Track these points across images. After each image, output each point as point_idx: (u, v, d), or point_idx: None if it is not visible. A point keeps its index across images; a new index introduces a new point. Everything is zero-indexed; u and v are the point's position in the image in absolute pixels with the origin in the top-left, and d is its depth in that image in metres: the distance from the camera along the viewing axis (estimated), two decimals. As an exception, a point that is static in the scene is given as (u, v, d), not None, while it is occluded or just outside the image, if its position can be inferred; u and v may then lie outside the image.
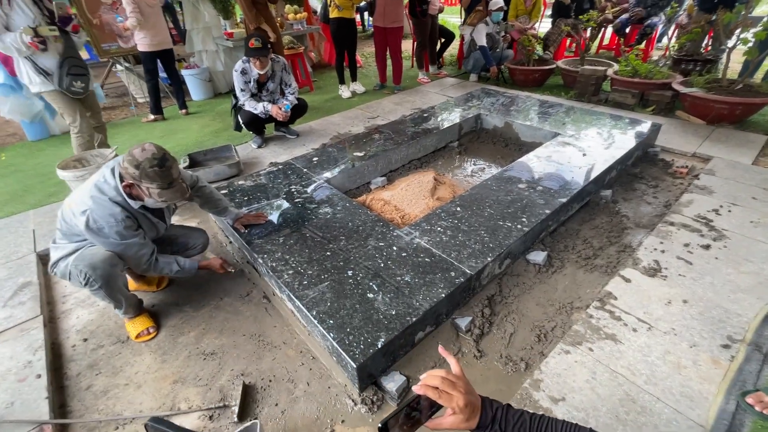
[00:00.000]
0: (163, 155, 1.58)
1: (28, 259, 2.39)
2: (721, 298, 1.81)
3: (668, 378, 1.49)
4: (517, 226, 2.09)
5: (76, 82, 2.89)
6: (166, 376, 1.70)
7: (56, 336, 1.94)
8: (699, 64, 4.46)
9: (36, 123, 4.40)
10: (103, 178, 1.64)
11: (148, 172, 1.53)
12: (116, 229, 1.62)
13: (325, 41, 6.85)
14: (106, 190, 1.62)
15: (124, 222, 1.63)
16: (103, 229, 1.62)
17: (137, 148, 1.57)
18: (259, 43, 3.17)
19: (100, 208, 1.60)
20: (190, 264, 1.90)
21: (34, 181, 3.47)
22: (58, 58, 2.81)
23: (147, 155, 1.55)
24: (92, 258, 1.64)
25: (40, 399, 1.56)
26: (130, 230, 1.67)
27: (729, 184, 2.67)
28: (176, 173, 1.63)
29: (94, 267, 1.63)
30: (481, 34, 5.09)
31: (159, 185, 1.57)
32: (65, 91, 2.89)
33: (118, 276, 1.73)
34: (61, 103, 3.01)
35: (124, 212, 1.63)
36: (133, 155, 1.55)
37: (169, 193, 1.60)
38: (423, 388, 0.72)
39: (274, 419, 1.50)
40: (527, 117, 3.55)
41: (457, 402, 0.71)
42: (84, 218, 1.59)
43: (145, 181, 1.55)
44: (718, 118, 3.54)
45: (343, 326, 1.57)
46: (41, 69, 2.81)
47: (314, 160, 3.02)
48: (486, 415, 0.75)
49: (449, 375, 0.74)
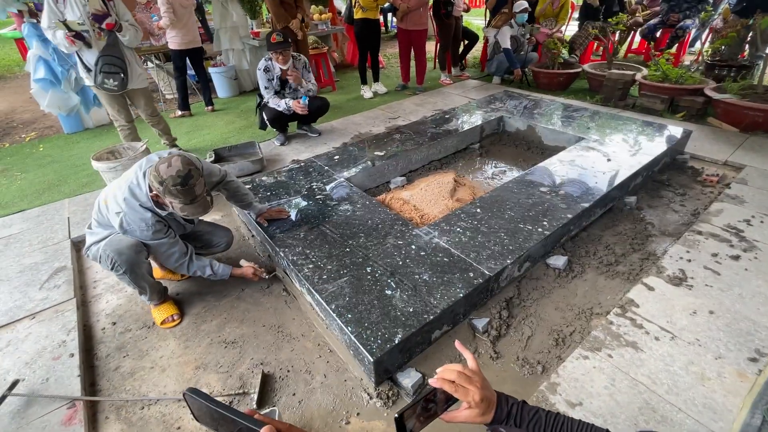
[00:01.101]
0: (188, 172, 1.57)
1: (63, 245, 2.52)
2: (749, 310, 1.75)
3: (691, 389, 1.45)
4: (538, 230, 2.08)
5: (108, 80, 3.01)
6: (189, 361, 1.77)
7: (87, 318, 2.04)
8: (733, 70, 4.30)
9: (72, 116, 4.61)
10: (136, 180, 1.70)
11: (171, 189, 1.55)
12: (147, 233, 1.72)
13: (348, 41, 6.92)
14: (138, 194, 1.69)
15: (155, 226, 1.72)
16: (135, 232, 1.72)
17: (164, 163, 1.57)
18: (281, 38, 3.24)
19: (132, 213, 1.68)
20: (223, 270, 1.97)
21: (69, 172, 3.64)
22: (97, 55, 2.95)
23: (171, 173, 1.54)
24: (119, 244, 1.73)
25: (73, 377, 1.65)
26: (159, 233, 1.76)
27: (762, 194, 2.57)
28: (200, 189, 1.62)
29: (120, 252, 1.72)
30: (505, 36, 5.05)
31: (181, 201, 1.58)
32: (99, 87, 3.05)
33: (142, 262, 1.81)
34: (101, 97, 3.23)
35: (155, 217, 1.72)
36: (159, 171, 1.56)
37: (191, 209, 1.62)
38: (439, 381, 0.72)
39: (291, 408, 1.54)
40: (551, 120, 3.51)
41: (473, 396, 0.72)
42: (118, 220, 1.69)
43: (168, 197, 1.58)
44: (753, 125, 3.41)
45: (361, 321, 1.60)
46: (85, 65, 2.99)
47: (335, 159, 3.06)
48: (501, 411, 0.75)
49: (466, 369, 0.74)
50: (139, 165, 1.74)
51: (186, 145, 4.06)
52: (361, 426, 1.46)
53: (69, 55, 4.21)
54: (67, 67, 4.24)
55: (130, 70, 3.12)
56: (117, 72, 3.04)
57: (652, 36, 5.97)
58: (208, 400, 0.59)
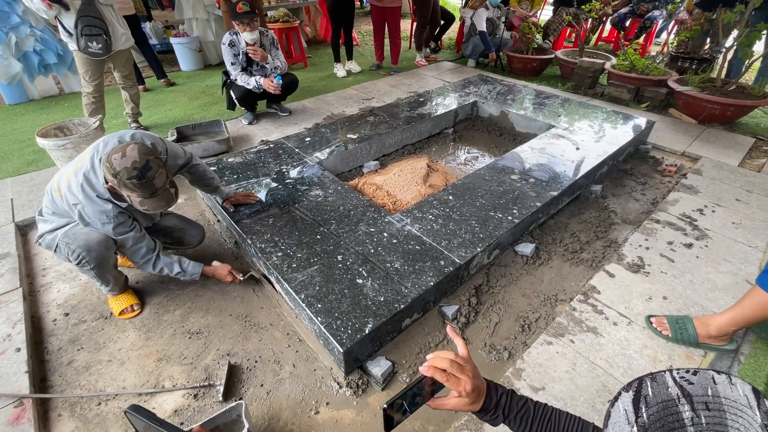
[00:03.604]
0: (145, 164, 1.39)
1: (6, 230, 2.31)
2: (699, 296, 1.87)
3: (644, 371, 1.54)
4: (508, 218, 2.11)
5: (92, 43, 2.84)
6: (151, 353, 1.69)
7: (36, 309, 1.90)
8: (695, 63, 4.47)
9: (14, 86, 4.20)
10: (91, 166, 1.53)
11: (126, 182, 1.38)
12: (109, 227, 1.57)
13: (321, 16, 6.63)
14: (95, 184, 1.52)
15: (117, 219, 1.57)
16: (96, 224, 1.57)
17: (117, 153, 1.38)
18: (247, 7, 3.05)
19: (90, 204, 1.53)
20: (193, 267, 1.83)
21: (12, 148, 3.33)
22: (75, 18, 2.76)
23: (126, 164, 1.37)
24: (87, 238, 1.58)
25: (20, 373, 1.54)
26: (123, 226, 1.60)
27: (715, 184, 2.72)
28: (161, 181, 1.45)
29: (89, 249, 1.58)
30: (481, 18, 4.99)
31: (140, 194, 1.42)
32: (83, 52, 2.86)
33: (111, 257, 1.69)
34: (79, 62, 3.03)
35: (116, 208, 1.57)
36: (111, 162, 1.37)
37: (152, 202, 1.45)
38: (431, 370, 0.71)
39: (260, 399, 1.52)
40: (523, 107, 3.53)
41: (465, 386, 0.71)
42: (76, 211, 1.54)
43: (124, 190, 1.42)
44: (710, 118, 3.58)
45: (331, 311, 1.57)
46: (66, 29, 2.81)
47: (306, 140, 2.96)
48: (490, 400, 0.75)
49: (458, 358, 0.73)
50: (94, 148, 1.56)
51: (146, 121, 3.80)
52: (330, 415, 1.46)
53: (8, 16, 3.79)
54: (5, 30, 3.82)
55: (111, 30, 2.93)
56: (99, 34, 2.85)
57: (622, 25, 6.09)
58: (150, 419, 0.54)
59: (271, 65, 3.40)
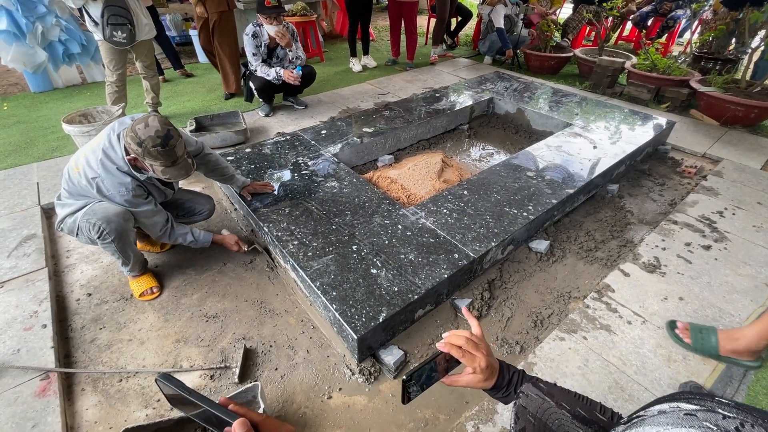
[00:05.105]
0: (167, 133, 1.51)
1: (32, 212, 2.39)
2: (716, 298, 1.85)
3: (658, 370, 1.53)
4: (523, 214, 2.10)
5: (117, 32, 2.91)
6: (169, 334, 1.74)
7: (60, 289, 1.97)
8: (719, 63, 4.37)
9: (39, 74, 4.31)
10: (109, 142, 1.60)
11: (151, 150, 1.49)
12: (126, 198, 1.64)
13: (338, 10, 6.64)
14: (114, 158, 1.59)
15: (134, 191, 1.64)
16: (114, 198, 1.64)
17: (140, 123, 1.49)
18: (276, 1, 3.10)
19: (110, 177, 1.60)
20: (204, 236, 1.95)
21: (38, 134, 3.43)
22: (101, 7, 2.82)
23: (150, 133, 1.48)
24: (106, 211, 1.64)
25: (46, 348, 1.60)
26: (140, 198, 1.68)
27: (736, 187, 2.67)
28: (181, 150, 1.57)
29: (109, 220, 1.64)
30: (499, 15, 4.94)
31: (162, 163, 1.53)
32: (108, 41, 2.94)
33: (131, 231, 1.75)
34: (103, 52, 3.09)
35: (134, 182, 1.64)
36: (136, 131, 1.48)
37: (173, 171, 1.56)
38: (447, 346, 0.73)
39: (274, 383, 1.55)
40: (540, 105, 3.50)
41: (479, 363, 0.74)
42: (94, 184, 1.60)
43: (148, 159, 1.51)
44: (732, 120, 3.50)
45: (345, 299, 1.60)
46: (93, 18, 2.88)
47: (322, 133, 2.98)
48: (503, 378, 0.78)
49: (473, 336, 0.76)
50: (111, 128, 1.64)
51: (165, 111, 3.87)
52: (342, 401, 1.49)
53: (34, 6, 3.89)
54: (32, 19, 3.92)
55: (136, 20, 3.01)
56: (124, 23, 2.93)
57: (644, 24, 5.97)
58: (180, 388, 0.57)
59: (293, 53, 3.43)
